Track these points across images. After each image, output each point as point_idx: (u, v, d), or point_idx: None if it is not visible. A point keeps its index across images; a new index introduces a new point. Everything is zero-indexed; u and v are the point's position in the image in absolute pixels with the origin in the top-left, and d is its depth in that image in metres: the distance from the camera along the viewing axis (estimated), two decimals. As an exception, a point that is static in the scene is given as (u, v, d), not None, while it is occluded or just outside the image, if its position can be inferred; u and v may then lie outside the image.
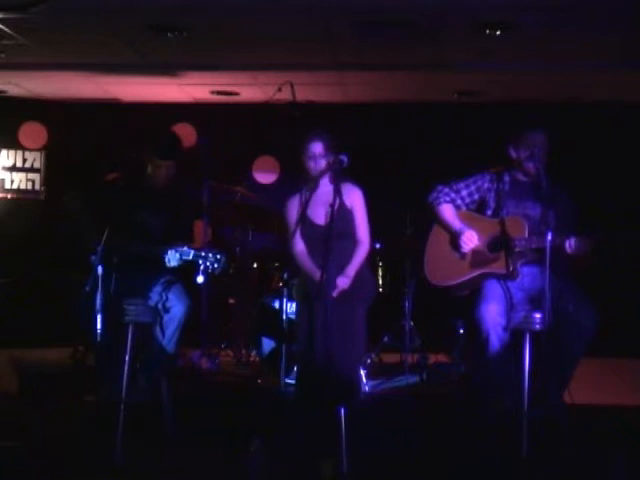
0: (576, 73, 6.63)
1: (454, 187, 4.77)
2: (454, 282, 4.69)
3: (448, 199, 4.74)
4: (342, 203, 4.64)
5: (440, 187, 4.79)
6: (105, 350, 4.62)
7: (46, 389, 5.50)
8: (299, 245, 4.74)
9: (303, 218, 4.62)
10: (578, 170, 6.13)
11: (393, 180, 7.24)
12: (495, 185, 4.70)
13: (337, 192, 4.37)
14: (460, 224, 4.67)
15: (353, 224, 4.69)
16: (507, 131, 4.79)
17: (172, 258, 4.59)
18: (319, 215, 4.63)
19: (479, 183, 4.75)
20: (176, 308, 4.84)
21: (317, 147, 4.69)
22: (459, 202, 4.75)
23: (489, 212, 4.71)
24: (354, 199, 4.71)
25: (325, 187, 4.70)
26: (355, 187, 4.74)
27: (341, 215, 4.59)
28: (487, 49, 5.94)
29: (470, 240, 4.61)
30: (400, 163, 7.48)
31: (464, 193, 4.75)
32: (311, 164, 4.70)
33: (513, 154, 4.62)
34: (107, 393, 4.59)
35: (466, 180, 4.78)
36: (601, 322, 4.40)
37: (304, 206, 4.62)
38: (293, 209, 4.77)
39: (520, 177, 4.65)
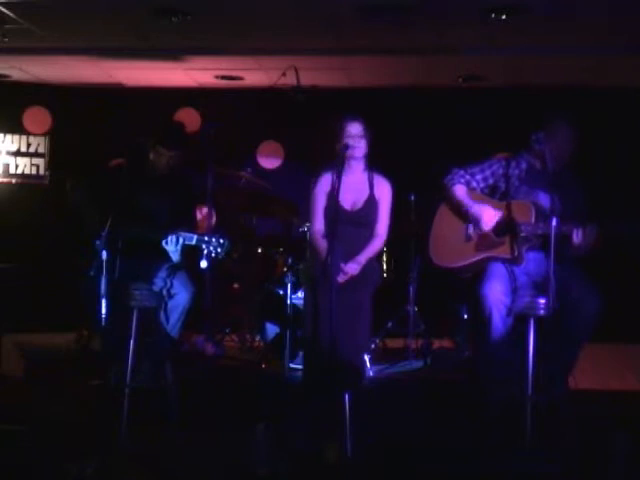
0: (582, 58, 6.60)
1: (469, 170, 4.76)
2: (458, 265, 4.70)
3: (463, 181, 4.74)
4: (372, 194, 4.69)
5: (455, 169, 4.78)
6: (111, 334, 4.63)
7: (51, 373, 5.52)
8: (319, 224, 4.73)
9: (330, 199, 4.63)
10: (585, 157, 6.10)
11: (397, 165, 7.21)
12: (510, 170, 4.68)
13: (341, 176, 4.41)
14: (475, 203, 4.64)
15: (376, 216, 4.70)
16: (514, 116, 4.79)
17: (170, 241, 4.60)
18: (346, 199, 4.63)
19: (494, 168, 4.74)
20: (180, 295, 4.85)
21: (356, 128, 4.68)
22: (474, 185, 4.74)
23: (498, 196, 4.71)
24: (382, 192, 4.72)
25: (356, 174, 4.71)
26: (387, 182, 4.76)
27: (368, 205, 4.67)
28: (492, 33, 5.92)
29: (491, 219, 4.59)
30: (405, 148, 7.46)
31: (479, 177, 4.74)
32: (342, 144, 4.67)
33: (536, 142, 4.54)
34: (116, 376, 4.60)
35: (481, 164, 4.77)
36: (607, 308, 4.41)
37: (333, 187, 4.62)
38: (322, 187, 4.74)
39: (537, 164, 4.63)
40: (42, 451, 3.92)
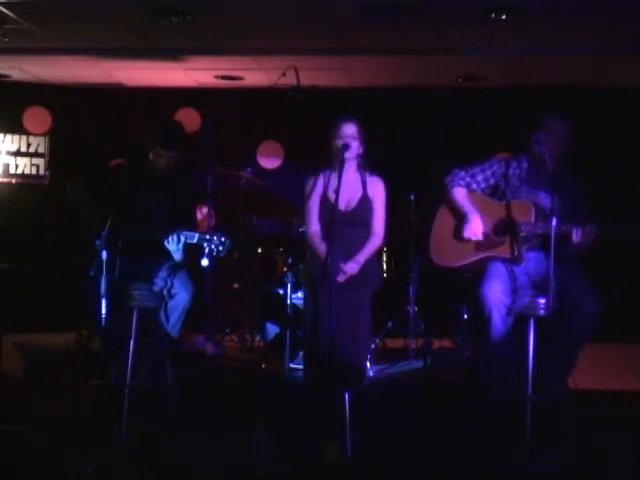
0: (582, 58, 6.60)
1: (469, 171, 4.76)
2: (459, 264, 4.70)
3: (463, 183, 4.74)
4: (365, 193, 4.68)
5: (456, 170, 4.79)
6: (111, 334, 4.64)
7: (51, 373, 5.52)
8: (314, 226, 4.73)
9: (322, 200, 4.64)
10: (585, 157, 6.13)
11: (398, 165, 7.22)
12: (510, 170, 4.69)
13: (341, 177, 4.42)
14: (470, 208, 4.65)
15: (371, 215, 4.69)
16: (514, 116, 4.78)
17: (172, 240, 4.60)
18: (340, 199, 4.61)
19: (494, 168, 4.74)
20: (180, 295, 4.85)
21: (350, 128, 4.67)
22: (474, 186, 4.75)
23: (498, 196, 4.71)
24: (376, 191, 4.71)
25: (349, 173, 4.69)
26: (379, 180, 4.75)
27: (361, 204, 4.66)
28: (492, 33, 5.92)
29: (474, 232, 4.60)
30: (404, 148, 7.47)
31: (479, 178, 4.74)
32: (340, 144, 4.66)
33: (535, 143, 4.54)
34: (116, 376, 4.60)
35: (482, 164, 4.77)
36: (607, 308, 4.41)
37: (325, 188, 4.65)
38: (314, 189, 4.75)
39: (537, 164, 4.63)
40: (42, 451, 3.92)
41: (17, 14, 5.63)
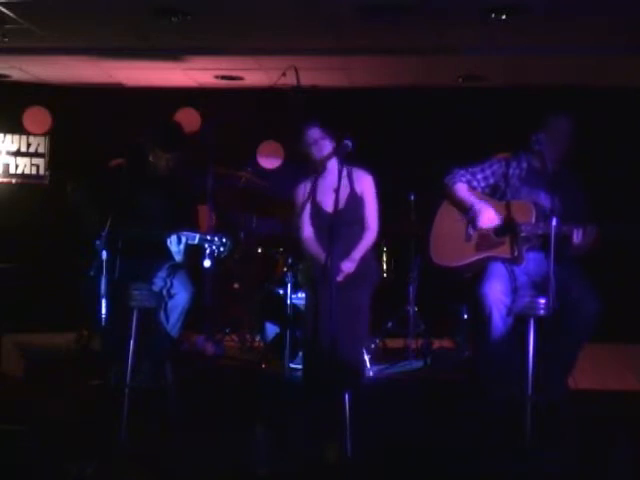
0: (582, 58, 6.60)
1: (470, 170, 4.76)
2: (459, 264, 4.70)
3: (464, 179, 4.74)
4: (352, 189, 4.66)
5: (456, 170, 4.79)
6: (111, 334, 4.64)
7: (51, 373, 5.52)
8: (307, 231, 4.73)
9: (312, 204, 4.65)
10: (585, 157, 6.14)
11: (398, 165, 7.22)
12: (510, 170, 4.69)
13: (342, 177, 4.37)
14: (476, 199, 4.64)
15: (363, 210, 4.68)
16: (514, 116, 4.77)
17: (174, 241, 4.61)
18: (328, 202, 4.60)
19: (494, 168, 4.74)
20: (180, 295, 4.84)
21: (315, 132, 4.69)
22: (475, 184, 4.75)
23: (498, 196, 4.71)
24: (364, 185, 4.70)
25: (334, 173, 4.69)
26: (366, 173, 4.73)
27: (351, 201, 4.63)
28: (492, 33, 5.92)
29: (490, 220, 4.59)
30: (404, 148, 7.47)
31: (479, 176, 4.75)
32: (314, 150, 4.68)
33: (536, 143, 4.52)
34: (116, 376, 4.61)
35: (482, 164, 4.78)
36: (607, 308, 4.41)
37: (313, 192, 4.65)
38: (302, 195, 4.76)
39: (537, 164, 4.63)
40: (42, 451, 3.92)
41: (17, 14, 5.63)
